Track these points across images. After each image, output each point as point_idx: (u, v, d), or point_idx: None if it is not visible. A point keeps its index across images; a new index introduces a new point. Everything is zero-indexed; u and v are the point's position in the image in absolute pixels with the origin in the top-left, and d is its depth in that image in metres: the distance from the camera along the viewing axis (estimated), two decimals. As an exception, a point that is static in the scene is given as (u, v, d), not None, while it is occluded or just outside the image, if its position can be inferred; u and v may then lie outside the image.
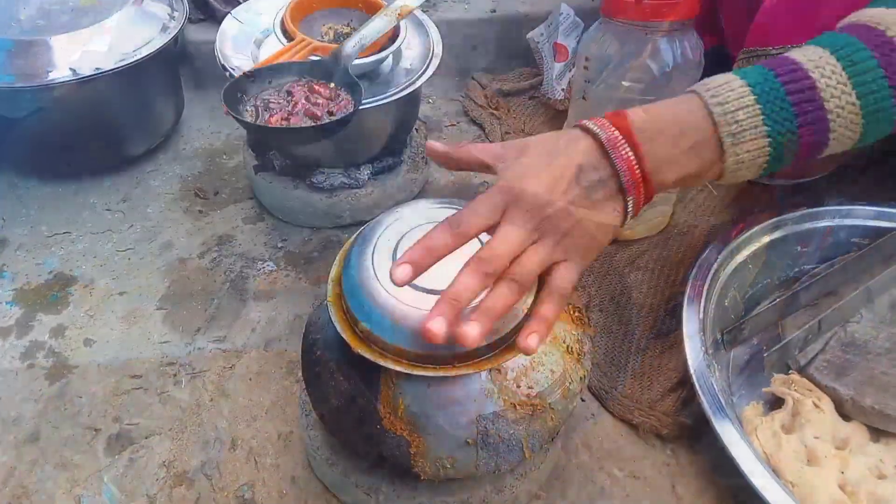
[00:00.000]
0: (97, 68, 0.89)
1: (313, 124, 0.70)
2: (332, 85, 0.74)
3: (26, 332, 0.80)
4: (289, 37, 0.81)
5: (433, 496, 0.58)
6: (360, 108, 0.76)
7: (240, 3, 0.93)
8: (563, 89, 1.11)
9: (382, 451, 0.52)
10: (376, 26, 0.76)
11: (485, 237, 0.48)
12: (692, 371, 0.64)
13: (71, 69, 0.88)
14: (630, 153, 0.48)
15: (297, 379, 0.74)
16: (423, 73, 0.85)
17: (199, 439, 0.68)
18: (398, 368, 0.49)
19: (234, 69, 0.81)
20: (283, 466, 0.66)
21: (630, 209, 0.50)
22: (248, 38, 0.88)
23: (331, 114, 0.71)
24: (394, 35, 0.84)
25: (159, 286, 0.85)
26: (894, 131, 0.53)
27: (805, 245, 0.79)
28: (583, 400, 0.72)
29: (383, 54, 0.82)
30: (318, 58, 0.77)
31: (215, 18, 1.19)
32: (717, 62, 0.82)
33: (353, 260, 0.52)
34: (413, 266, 0.45)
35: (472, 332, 0.44)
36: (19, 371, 0.75)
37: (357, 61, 0.80)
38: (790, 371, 0.70)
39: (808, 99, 0.49)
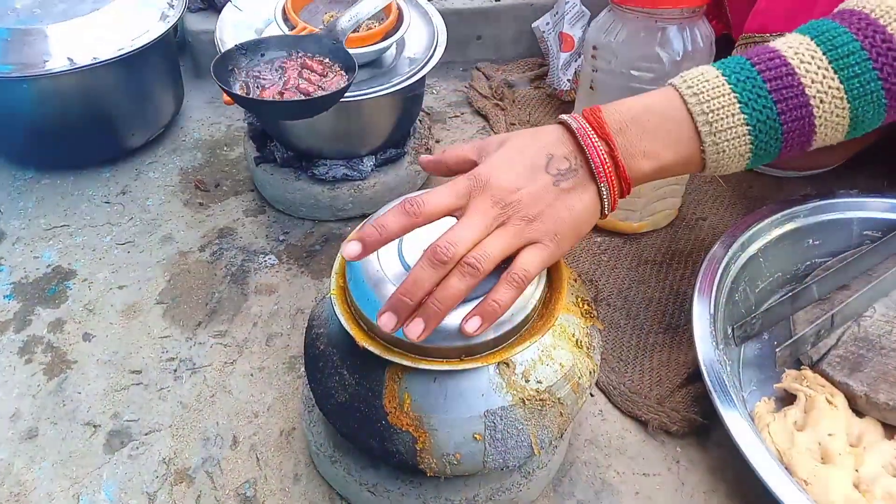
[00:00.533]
0: (95, 58, 0.87)
1: (305, 98, 0.68)
2: (326, 60, 0.73)
3: (24, 326, 0.78)
4: (290, 25, 0.79)
5: (439, 493, 0.57)
6: (366, 97, 0.75)
7: (240, -8, 0.92)
8: (568, 80, 1.09)
9: (387, 447, 0.51)
10: (373, 2, 0.75)
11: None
12: (703, 366, 0.63)
13: (68, 58, 0.86)
14: (599, 142, 0.49)
15: (300, 374, 0.73)
16: (426, 62, 0.84)
17: (200, 436, 0.67)
18: (404, 362, 0.48)
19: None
20: (286, 464, 0.65)
21: (605, 197, 0.49)
22: (249, 27, 0.87)
23: (322, 89, 0.70)
24: (397, 24, 0.83)
25: (159, 280, 0.84)
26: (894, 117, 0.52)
27: (817, 238, 0.78)
28: (591, 395, 0.71)
29: (386, 43, 0.81)
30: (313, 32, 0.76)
31: (215, 7, 1.17)
32: (724, 51, 0.80)
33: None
34: (363, 243, 0.46)
35: (416, 329, 0.45)
36: (17, 366, 0.74)
37: (360, 50, 0.79)
38: (802, 366, 0.69)
39: (786, 85, 0.49)
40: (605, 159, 0.48)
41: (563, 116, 0.50)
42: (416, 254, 0.50)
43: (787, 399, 0.68)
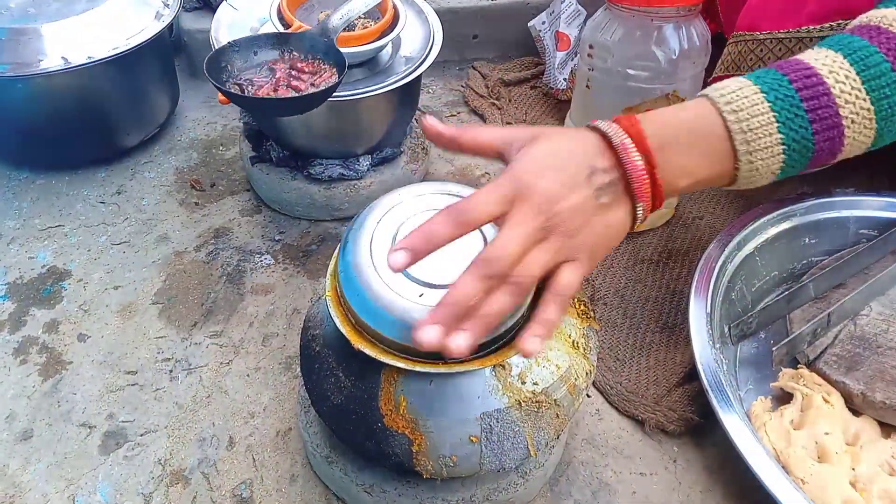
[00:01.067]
0: (90, 57, 0.87)
1: (298, 94, 0.69)
2: (319, 58, 0.73)
3: (19, 327, 0.78)
4: (286, 24, 0.79)
5: (435, 494, 0.57)
6: (362, 96, 0.75)
7: (235, -9, 0.91)
8: (565, 79, 1.09)
9: (383, 449, 0.51)
10: (363, 0, 0.75)
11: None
12: (700, 365, 0.63)
13: (63, 58, 0.86)
14: (640, 161, 0.47)
15: (296, 375, 0.72)
16: (422, 61, 0.83)
17: (196, 436, 0.67)
18: (400, 365, 0.47)
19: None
20: (282, 464, 0.65)
21: (640, 214, 0.48)
22: (244, 26, 0.86)
23: (314, 86, 0.70)
24: (393, 22, 0.82)
25: (155, 280, 0.84)
26: None
27: (813, 237, 0.78)
28: (588, 396, 0.71)
29: (382, 42, 0.80)
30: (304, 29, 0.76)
31: (210, 6, 1.17)
32: (717, 49, 0.80)
33: (349, 246, 0.50)
34: (411, 253, 0.43)
35: (462, 343, 0.42)
36: (12, 367, 0.74)
37: (356, 49, 0.78)
38: (799, 365, 0.69)
39: (823, 105, 0.48)
40: (644, 179, 0.47)
41: (600, 124, 0.48)
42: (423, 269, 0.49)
43: (783, 398, 0.68)
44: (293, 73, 0.71)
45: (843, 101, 0.48)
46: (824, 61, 0.50)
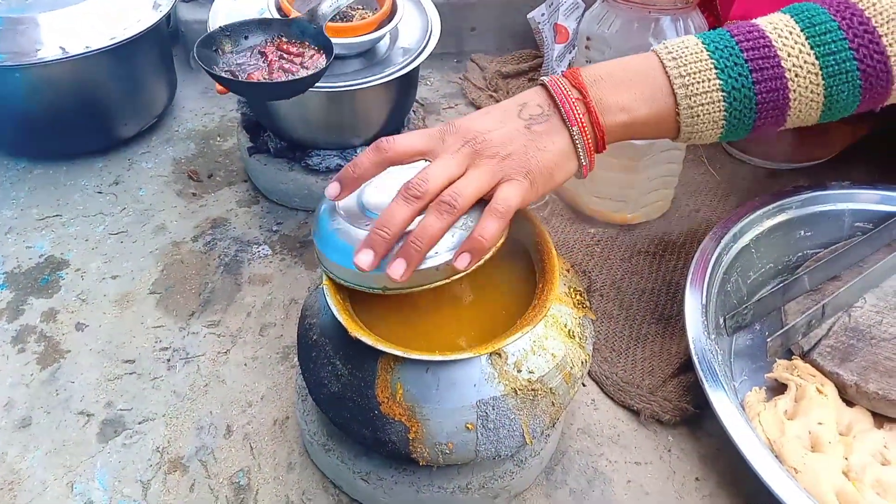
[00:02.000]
0: (87, 46, 0.87)
1: (292, 77, 0.69)
2: (306, 43, 0.73)
3: (17, 316, 0.78)
4: (284, 15, 0.79)
5: (432, 482, 0.57)
6: (360, 87, 0.75)
7: (233, -19, 0.91)
8: (563, 71, 1.09)
9: (380, 437, 0.51)
10: None
11: None
12: (694, 356, 0.64)
13: (60, 47, 0.86)
14: (570, 90, 0.50)
15: (293, 364, 0.73)
16: (420, 52, 0.83)
17: (194, 425, 0.67)
18: (396, 353, 0.48)
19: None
20: (279, 453, 0.65)
21: (578, 142, 0.50)
22: (242, 16, 0.86)
23: (305, 69, 0.71)
24: (391, 14, 0.82)
25: (152, 270, 0.84)
26: (873, 105, 0.53)
27: (808, 229, 0.78)
28: (583, 385, 0.71)
29: (380, 33, 0.80)
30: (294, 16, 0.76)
31: (208, -3, 1.17)
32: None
33: (322, 205, 0.54)
34: (341, 182, 0.50)
35: (398, 268, 0.46)
36: (10, 355, 0.74)
37: (353, 39, 0.78)
38: (793, 356, 0.70)
39: (763, 56, 0.50)
40: (574, 104, 0.50)
41: (542, 78, 0.52)
42: (377, 202, 0.52)
43: (777, 389, 0.68)
44: (283, 55, 0.71)
45: (785, 53, 0.50)
46: (770, 20, 0.52)
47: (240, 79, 0.69)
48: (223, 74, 0.69)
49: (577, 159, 0.51)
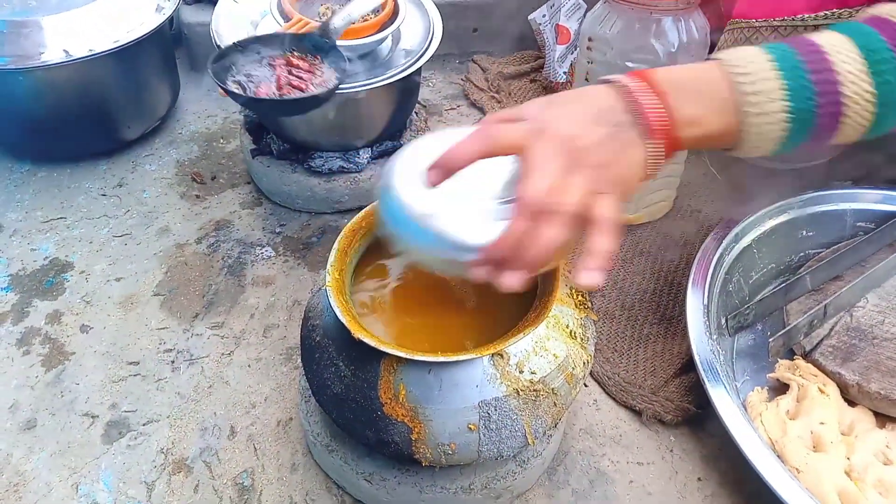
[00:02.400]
0: (91, 49, 0.87)
1: (302, 95, 0.69)
2: (318, 58, 0.73)
3: (22, 318, 0.79)
4: (286, 17, 0.79)
5: (435, 482, 0.57)
6: (362, 89, 0.75)
7: (236, -16, 0.92)
8: (565, 72, 1.09)
9: (383, 437, 0.51)
10: (365, 1, 0.75)
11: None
12: (696, 356, 0.64)
13: (64, 50, 0.86)
14: (654, 99, 0.48)
15: (297, 365, 0.73)
16: (422, 54, 0.84)
17: (198, 426, 0.68)
18: (399, 354, 0.48)
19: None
20: (283, 453, 0.65)
21: (653, 155, 0.48)
22: (245, 19, 0.87)
23: (314, 86, 0.70)
24: (393, 15, 0.83)
25: (156, 272, 0.84)
26: None
27: (810, 229, 0.78)
28: (585, 385, 0.71)
29: (382, 35, 0.81)
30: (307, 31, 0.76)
31: None
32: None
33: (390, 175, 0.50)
34: (441, 169, 0.46)
35: (512, 281, 0.44)
36: (15, 357, 0.74)
37: (356, 41, 0.79)
38: (795, 356, 0.70)
39: (826, 80, 0.49)
40: (660, 111, 0.47)
41: (609, 76, 0.49)
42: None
43: (780, 389, 0.68)
44: (292, 70, 0.71)
45: (846, 79, 0.49)
46: (831, 42, 0.50)
47: (248, 91, 0.68)
48: (233, 88, 0.68)
49: (648, 168, 0.49)
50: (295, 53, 0.73)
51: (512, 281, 0.44)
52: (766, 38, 0.72)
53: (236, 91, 0.68)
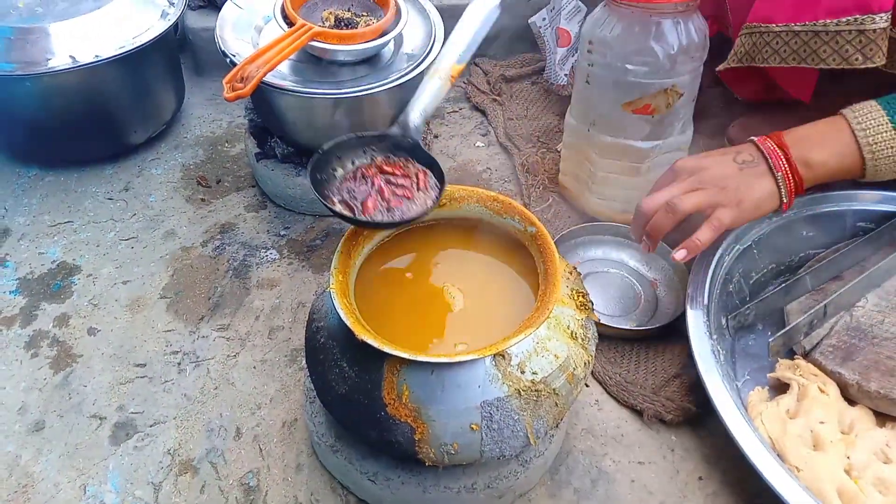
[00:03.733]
0: (97, 55, 0.88)
1: (423, 210, 0.61)
2: (406, 158, 0.65)
3: (30, 321, 0.80)
4: (289, 22, 0.80)
5: (438, 482, 0.58)
6: (365, 93, 0.74)
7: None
8: (565, 74, 1.10)
9: (387, 437, 0.52)
10: (433, 90, 0.68)
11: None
12: (696, 356, 0.64)
13: (70, 56, 0.87)
14: (776, 147, 0.68)
15: (301, 367, 0.74)
16: (424, 58, 0.84)
17: (204, 427, 0.69)
18: (402, 355, 0.49)
19: (234, 55, 0.81)
20: (288, 454, 0.66)
21: (781, 185, 0.68)
22: (249, 24, 0.88)
23: (418, 191, 0.63)
24: (395, 20, 0.84)
25: (162, 275, 0.85)
26: None
27: (810, 229, 0.79)
28: (587, 386, 0.72)
29: (384, 39, 0.81)
30: (384, 131, 0.67)
31: (215, 5, 1.18)
32: (718, 48, 0.81)
33: None
34: (653, 241, 0.70)
35: (649, 247, 0.71)
36: (24, 360, 0.75)
37: (358, 46, 0.80)
38: (795, 356, 0.70)
39: None
40: (779, 156, 0.68)
41: (752, 138, 0.71)
42: None
43: (780, 389, 0.69)
44: (390, 179, 0.63)
45: None
46: None
47: (357, 212, 0.60)
48: (339, 207, 0.61)
49: (780, 198, 0.69)
50: (378, 158, 0.65)
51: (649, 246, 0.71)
52: (786, 43, 0.72)
53: (346, 213, 0.60)
